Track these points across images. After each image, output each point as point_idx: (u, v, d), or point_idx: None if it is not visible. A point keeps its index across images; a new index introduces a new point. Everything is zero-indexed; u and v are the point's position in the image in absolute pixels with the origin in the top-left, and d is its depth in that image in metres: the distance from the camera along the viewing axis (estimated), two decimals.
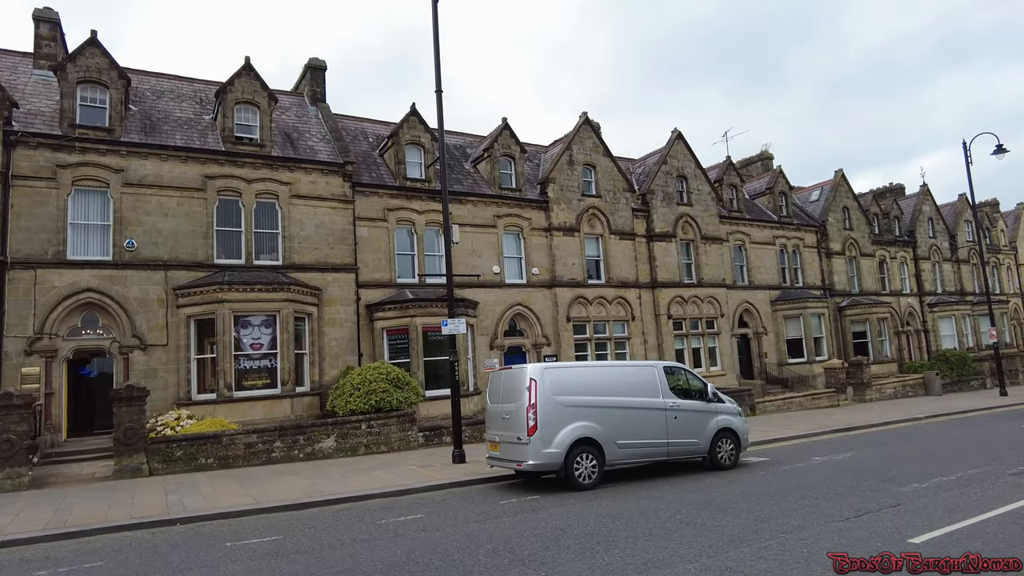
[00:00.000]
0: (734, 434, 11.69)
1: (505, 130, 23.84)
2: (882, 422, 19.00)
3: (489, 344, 22.00)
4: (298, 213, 19.32)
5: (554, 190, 24.33)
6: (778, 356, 29.86)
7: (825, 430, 17.38)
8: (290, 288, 17.84)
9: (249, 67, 19.24)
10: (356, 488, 10.90)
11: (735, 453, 11.67)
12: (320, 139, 21.00)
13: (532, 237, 23.74)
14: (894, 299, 35.50)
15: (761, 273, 30.19)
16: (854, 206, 34.72)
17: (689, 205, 27.90)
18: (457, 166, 24.07)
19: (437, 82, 14.20)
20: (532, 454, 9.97)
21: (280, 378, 17.54)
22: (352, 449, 14.92)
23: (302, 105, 22.62)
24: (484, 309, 22.06)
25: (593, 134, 25.95)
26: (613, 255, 25.44)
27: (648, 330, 25.95)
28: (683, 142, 28.34)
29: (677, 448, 11.11)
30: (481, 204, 22.75)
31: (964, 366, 30.03)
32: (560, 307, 23.65)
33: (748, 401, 22.09)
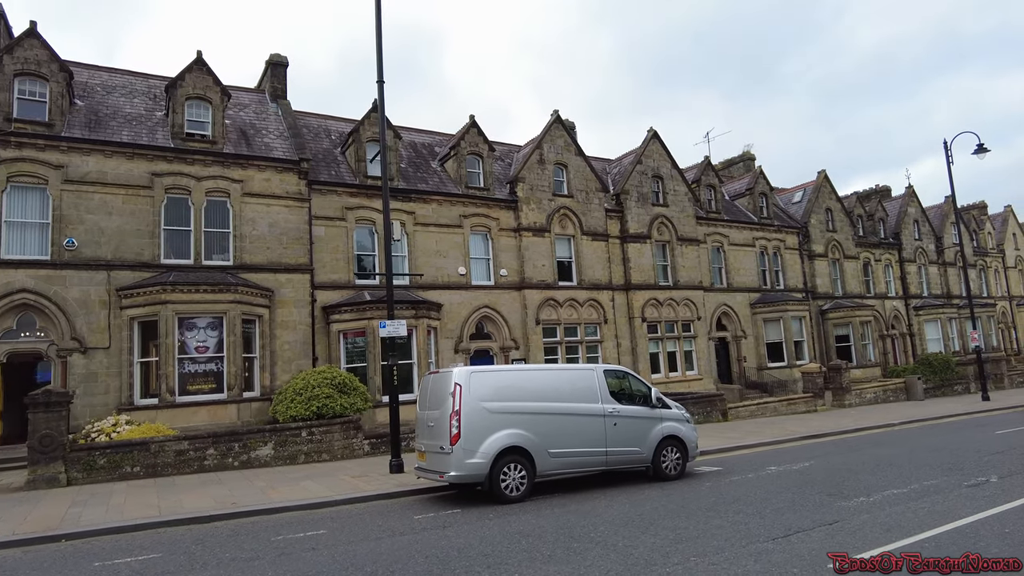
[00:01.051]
0: (680, 442, 11.03)
1: (472, 128, 23.23)
2: (855, 428, 18.35)
3: (454, 347, 21.34)
4: (251, 212, 18.68)
5: (523, 189, 23.72)
6: (758, 360, 29.22)
7: (794, 437, 16.73)
8: (238, 289, 17.18)
9: (201, 61, 18.63)
10: (274, 500, 10.24)
11: (681, 463, 11.00)
12: (277, 136, 20.38)
13: (501, 237, 23.11)
14: (879, 302, 34.93)
15: (740, 275, 29.58)
16: (837, 207, 34.16)
17: (665, 206, 27.30)
18: (424, 165, 23.45)
19: (379, 72, 13.58)
20: (455, 464, 9.31)
21: (226, 382, 16.88)
22: (291, 457, 14.24)
23: (262, 102, 22.01)
24: (449, 311, 21.42)
25: (565, 133, 25.36)
26: (585, 256, 24.82)
27: (621, 333, 25.32)
28: (659, 141, 27.76)
29: (617, 457, 10.45)
30: (446, 203, 22.12)
31: (947, 370, 29.41)
32: (529, 309, 23.01)
33: (719, 406, 21.45)
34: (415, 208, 21.43)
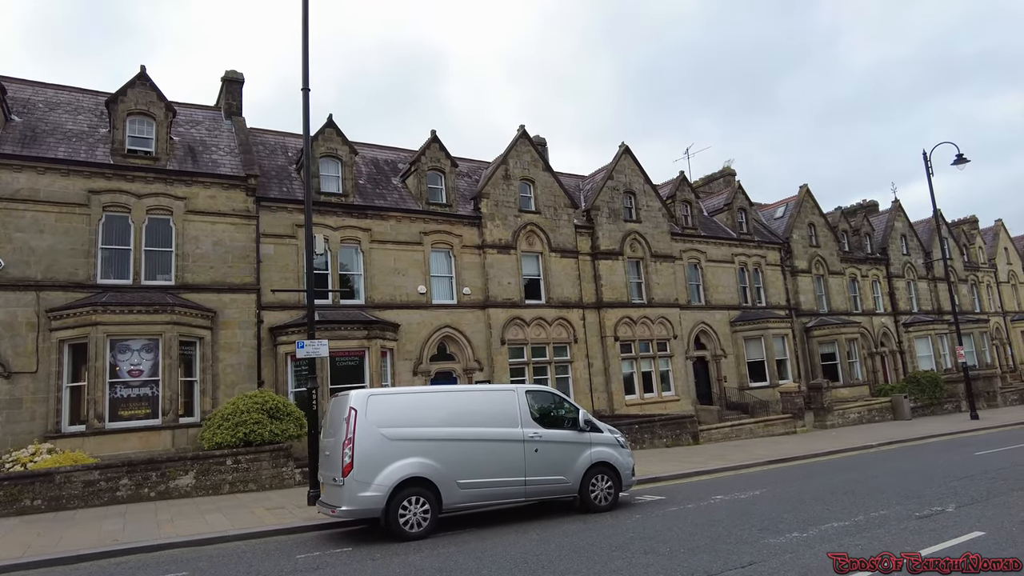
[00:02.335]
0: (612, 469, 10.12)
1: (434, 143, 22.65)
2: (828, 451, 17.38)
3: (413, 370, 20.48)
4: (194, 230, 18.01)
5: (488, 206, 23.05)
6: (739, 380, 28.23)
7: (760, 461, 15.76)
8: (175, 310, 16.42)
9: (144, 76, 18.13)
10: (163, 536, 9.35)
11: (613, 492, 10.07)
12: (227, 153, 19.80)
13: (464, 255, 22.38)
14: (867, 319, 33.98)
15: (719, 292, 28.73)
16: (821, 222, 33.41)
17: (638, 222, 26.59)
18: (384, 181, 22.83)
19: (304, 80, 12.97)
20: (347, 498, 8.44)
21: (161, 408, 16.04)
22: (214, 487, 13.34)
23: (217, 119, 21.49)
24: (407, 332, 20.60)
25: (532, 148, 24.77)
26: (554, 274, 24.04)
27: (593, 353, 24.42)
28: (631, 156, 27.16)
29: (538, 487, 9.54)
30: (406, 220, 21.43)
31: (936, 388, 28.32)
32: (494, 329, 22.17)
33: (690, 429, 20.47)
34: (372, 225, 20.75)
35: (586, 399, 23.81)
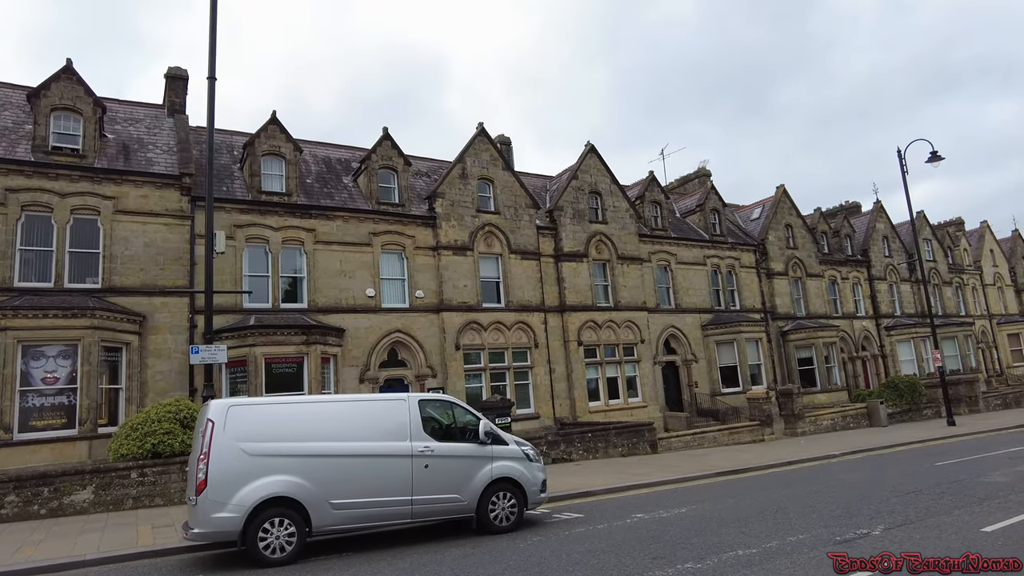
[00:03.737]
0: (517, 486, 9.26)
1: (385, 140, 21.86)
2: (787, 462, 16.52)
3: (359, 377, 19.62)
4: (124, 231, 17.22)
5: (443, 205, 22.23)
6: (711, 385, 27.35)
7: (711, 473, 14.90)
8: (96, 314, 15.58)
9: (70, 70, 17.36)
10: (15, 563, 8.48)
11: (516, 510, 9.19)
12: (164, 151, 19.01)
13: (417, 257, 21.55)
14: (847, 322, 33.13)
15: (690, 295, 27.88)
16: (798, 223, 32.58)
17: (604, 223, 25.77)
18: (334, 180, 22.03)
19: (211, 68, 12.20)
20: (200, 519, 7.61)
21: (79, 417, 15.20)
22: (116, 503, 12.47)
23: (159, 117, 20.71)
24: (354, 337, 19.75)
25: (491, 146, 23.98)
26: (514, 276, 23.21)
27: (555, 358, 23.56)
28: (596, 155, 26.36)
29: (427, 507, 8.67)
30: (353, 220, 20.61)
31: (915, 393, 27.44)
32: (448, 334, 21.32)
33: (648, 437, 19.59)
34: (316, 225, 19.93)
35: (547, 406, 22.96)
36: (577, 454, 18.27)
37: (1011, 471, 12.57)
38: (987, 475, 12.20)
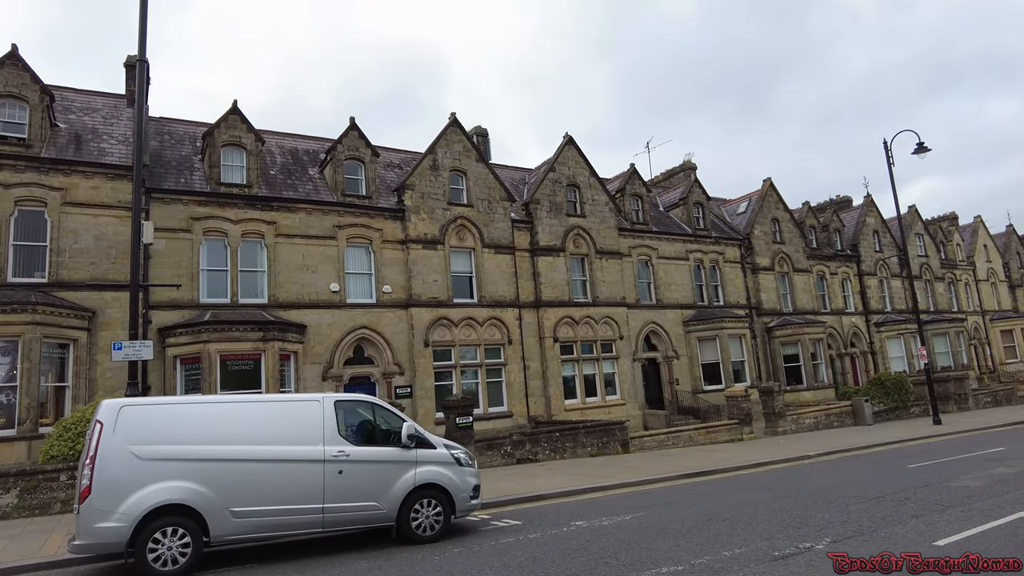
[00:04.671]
0: (444, 492, 8.66)
1: (352, 131, 21.22)
2: (758, 463, 15.89)
3: (322, 375, 19.03)
4: (73, 223, 16.63)
5: (413, 198, 21.60)
6: (692, 383, 26.74)
7: (675, 475, 14.29)
8: (38, 309, 15.01)
9: (15, 56, 16.74)
10: None
11: (442, 519, 8.60)
12: (120, 141, 18.41)
13: (385, 250, 20.94)
14: (835, 318, 32.49)
15: (672, 291, 27.25)
16: (786, 218, 31.91)
17: (582, 216, 25.13)
18: (300, 172, 21.41)
19: (141, 50, 11.56)
20: (83, 529, 7.05)
21: (18, 416, 14.64)
22: (43, 507, 11.90)
23: (117, 107, 20.10)
24: (317, 333, 19.17)
25: (464, 137, 23.32)
26: (487, 271, 22.59)
27: (530, 355, 22.96)
28: (575, 147, 25.70)
29: (340, 515, 8.06)
30: (317, 213, 19.99)
31: (902, 391, 26.80)
32: (417, 330, 20.72)
33: (619, 436, 18.99)
34: (277, 218, 19.33)
35: (521, 404, 22.37)
36: (544, 454, 17.68)
37: (984, 474, 11.96)
38: (958, 479, 11.59)
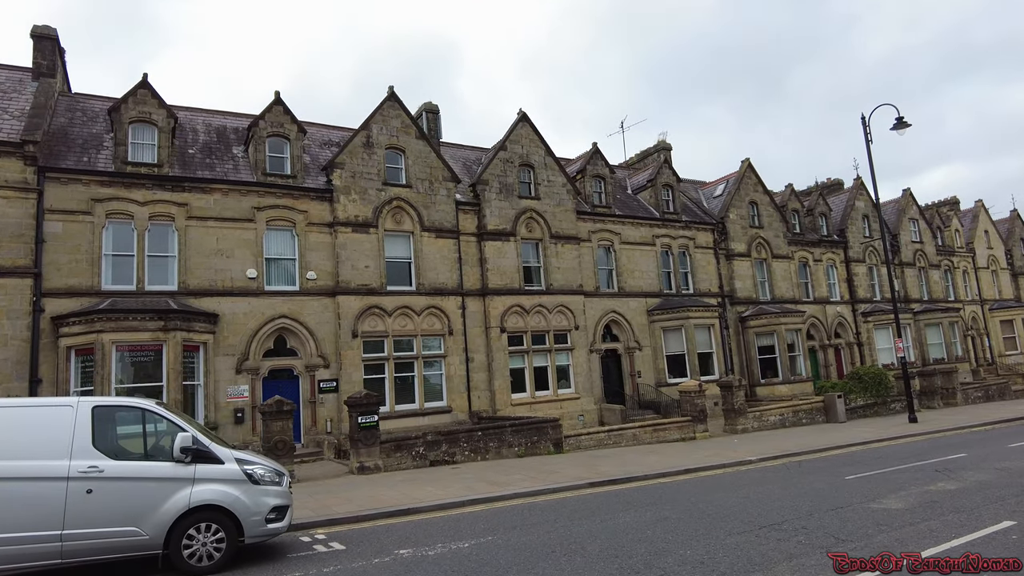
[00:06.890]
0: (228, 515, 7.35)
1: (276, 105, 19.85)
2: (686, 469, 14.36)
3: (236, 367, 17.85)
4: None
5: (342, 177, 20.22)
6: (656, 375, 25.24)
7: (582, 483, 12.80)
8: None
9: None
10: None
11: (224, 546, 7.30)
12: (15, 116, 17.24)
13: (310, 234, 19.64)
14: (819, 307, 30.72)
15: (636, 278, 25.67)
16: (765, 201, 30.07)
17: (536, 199, 23.60)
18: (223, 151, 20.11)
19: None
20: None
21: None
22: None
23: (22, 81, 18.94)
24: (231, 323, 17.98)
25: (403, 113, 21.83)
26: (426, 256, 21.21)
27: (475, 346, 21.61)
28: (529, 124, 24.11)
29: (88, 544, 6.79)
30: (234, 194, 18.71)
31: (881, 386, 25.03)
32: (344, 319, 19.45)
33: (551, 436, 17.61)
34: (189, 199, 18.07)
35: (462, 398, 21.08)
36: (462, 455, 16.36)
37: (919, 491, 10.41)
38: (886, 497, 10.04)
